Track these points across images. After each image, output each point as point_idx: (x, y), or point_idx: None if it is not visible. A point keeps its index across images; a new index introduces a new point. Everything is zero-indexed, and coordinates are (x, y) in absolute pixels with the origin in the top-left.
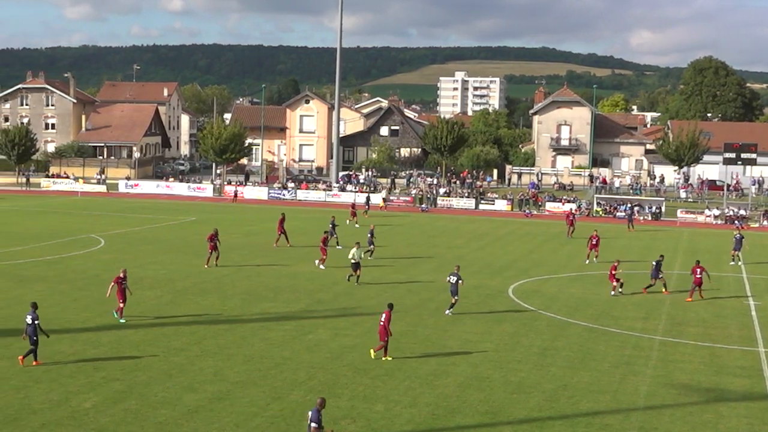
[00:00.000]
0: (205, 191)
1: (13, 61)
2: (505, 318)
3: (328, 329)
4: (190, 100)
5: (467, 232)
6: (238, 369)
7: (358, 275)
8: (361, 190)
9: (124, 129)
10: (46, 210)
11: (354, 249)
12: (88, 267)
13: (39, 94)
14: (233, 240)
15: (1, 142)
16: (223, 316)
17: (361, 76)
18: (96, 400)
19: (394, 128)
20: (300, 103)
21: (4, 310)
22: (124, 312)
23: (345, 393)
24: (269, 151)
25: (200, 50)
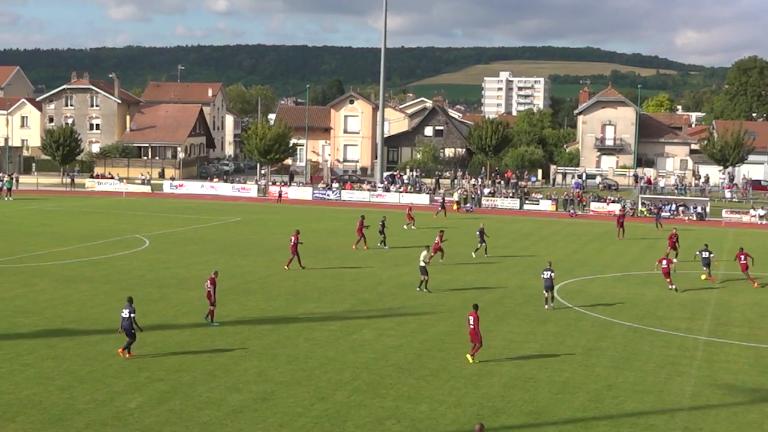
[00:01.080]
0: (250, 192)
1: (58, 61)
2: (550, 318)
3: (372, 329)
4: (234, 100)
5: (511, 232)
6: (283, 369)
7: (425, 280)
8: (406, 190)
9: (169, 129)
10: (91, 210)
11: (424, 252)
12: (133, 267)
13: (84, 94)
14: (277, 240)
15: (46, 143)
16: (267, 317)
17: (405, 76)
18: (140, 401)
19: (438, 128)
20: (344, 104)
21: (50, 311)
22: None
23: (389, 393)
24: (314, 152)
25: (245, 50)
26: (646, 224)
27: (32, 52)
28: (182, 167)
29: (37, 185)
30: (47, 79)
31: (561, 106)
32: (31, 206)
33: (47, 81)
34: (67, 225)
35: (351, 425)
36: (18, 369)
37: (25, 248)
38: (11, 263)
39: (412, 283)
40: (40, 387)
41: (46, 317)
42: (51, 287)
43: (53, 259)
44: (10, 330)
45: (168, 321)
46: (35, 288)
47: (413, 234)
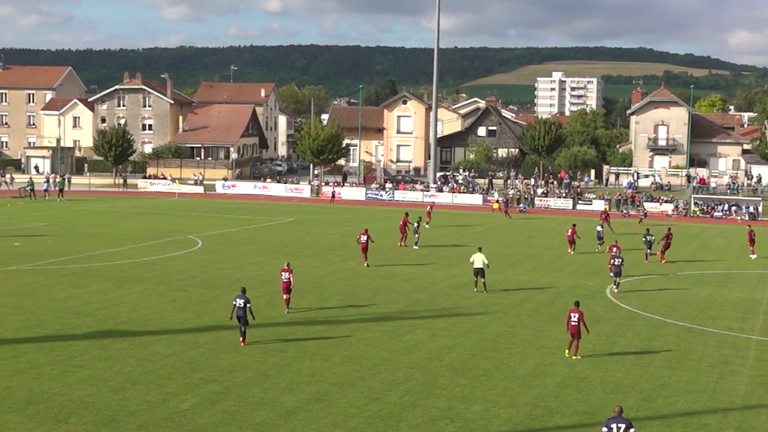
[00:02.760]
0: (303, 192)
1: (110, 62)
2: (603, 318)
3: (426, 330)
4: (287, 100)
5: (564, 233)
6: (336, 370)
7: (481, 281)
8: (458, 190)
9: (222, 130)
10: (144, 211)
11: (477, 254)
12: (185, 268)
13: (136, 95)
14: (330, 241)
15: (99, 144)
16: (320, 317)
17: (458, 76)
18: (193, 402)
19: (491, 129)
20: (397, 104)
21: (102, 312)
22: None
23: (443, 393)
24: (367, 152)
25: (298, 51)
26: (698, 224)
27: (84, 52)
28: (235, 168)
29: (90, 186)
30: (99, 79)
31: (614, 107)
32: (83, 207)
33: (99, 81)
34: (119, 226)
35: (404, 426)
36: (70, 370)
37: (77, 249)
38: (64, 264)
39: (466, 283)
40: (92, 388)
41: (98, 318)
42: (103, 288)
43: (105, 260)
44: (62, 331)
45: (221, 322)
46: (88, 289)
47: (460, 234)
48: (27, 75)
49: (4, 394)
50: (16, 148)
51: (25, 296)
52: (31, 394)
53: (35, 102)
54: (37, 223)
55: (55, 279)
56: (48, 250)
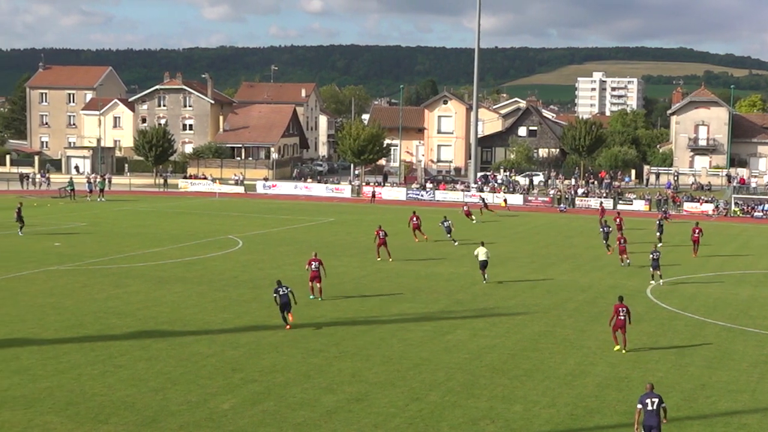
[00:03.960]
0: (344, 192)
1: (150, 62)
2: (643, 318)
3: (466, 330)
4: (328, 100)
5: None
6: (377, 370)
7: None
8: (499, 190)
9: (262, 130)
10: (184, 211)
11: (480, 248)
12: (226, 268)
13: (176, 95)
14: (371, 241)
15: (139, 143)
16: (361, 317)
17: (499, 76)
18: (234, 402)
19: (532, 129)
20: (438, 104)
21: (143, 312)
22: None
23: (484, 394)
24: (407, 152)
25: (338, 51)
26: (739, 224)
27: (125, 52)
28: (275, 168)
29: (130, 186)
30: (140, 79)
31: (654, 107)
32: (123, 207)
33: (140, 81)
34: (160, 226)
35: (445, 426)
36: (111, 371)
37: (117, 249)
38: (104, 264)
39: (506, 283)
40: (133, 389)
41: (139, 318)
42: (144, 288)
43: (146, 260)
44: (103, 331)
45: (261, 322)
46: (128, 289)
47: (501, 234)
48: (67, 75)
49: (44, 395)
50: (56, 148)
51: (65, 296)
52: (72, 395)
53: (75, 102)
54: (77, 224)
55: (96, 279)
56: (88, 250)
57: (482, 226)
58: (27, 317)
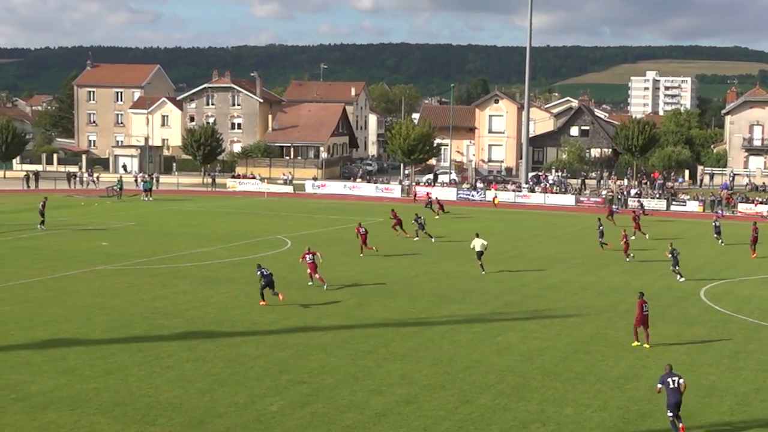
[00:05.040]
0: (393, 192)
1: (199, 60)
2: (697, 321)
3: (517, 332)
4: (377, 99)
5: (658, 234)
6: (427, 372)
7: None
8: (551, 191)
9: (311, 129)
10: (232, 211)
11: (476, 239)
12: (275, 268)
13: (225, 93)
14: (420, 242)
15: (187, 142)
16: (411, 319)
17: (550, 75)
18: (282, 404)
19: (584, 128)
20: (489, 103)
21: (190, 312)
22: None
23: (535, 396)
24: (458, 152)
25: (388, 49)
26: None
27: (173, 50)
28: (325, 167)
29: (178, 185)
30: (188, 77)
31: (708, 106)
32: (171, 207)
33: (188, 80)
34: (207, 225)
35: (495, 429)
36: (158, 372)
37: (165, 249)
38: (151, 264)
39: (557, 285)
40: (180, 390)
41: (186, 319)
42: (191, 289)
43: (194, 260)
44: (150, 332)
45: (310, 323)
46: (176, 289)
47: (552, 235)
48: (115, 73)
49: (91, 395)
50: (104, 146)
51: (112, 296)
52: (119, 396)
53: (123, 100)
54: (124, 223)
55: (143, 279)
56: (136, 249)
57: (532, 226)
58: (74, 317)
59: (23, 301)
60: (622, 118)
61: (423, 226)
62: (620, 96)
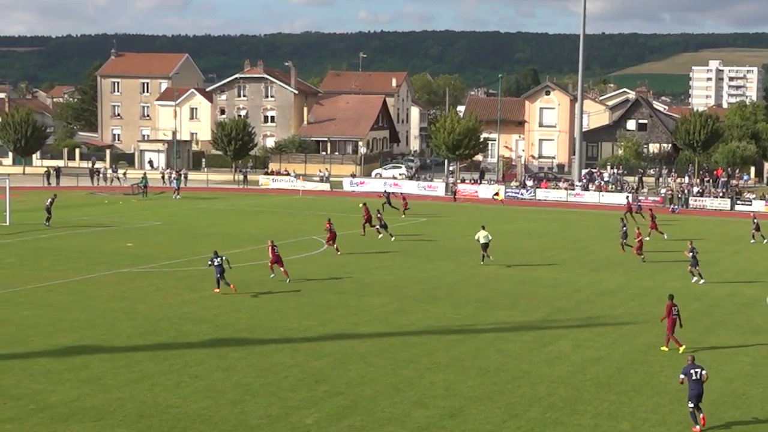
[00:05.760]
0: (437, 190)
1: (230, 48)
2: (763, 328)
3: (569, 340)
4: (420, 90)
5: (721, 235)
6: (472, 383)
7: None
8: (606, 189)
9: (350, 122)
10: (265, 210)
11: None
12: (310, 272)
13: (257, 84)
14: (467, 243)
15: (217, 137)
16: (455, 326)
17: (605, 65)
18: (318, 416)
19: (641, 122)
20: (540, 95)
21: (220, 318)
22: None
23: (588, 410)
24: (506, 147)
25: (432, 37)
26: None
27: (202, 38)
28: (364, 163)
29: (207, 182)
30: (218, 67)
31: None
32: (200, 205)
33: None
34: (239, 225)
35: None
36: (186, 381)
37: (193, 250)
38: (179, 266)
39: (613, 290)
40: (209, 401)
41: (216, 325)
42: (222, 293)
43: None
44: (177, 339)
45: (348, 330)
46: (205, 293)
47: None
48: (141, 63)
49: (115, 406)
50: (129, 141)
51: (138, 300)
52: (144, 406)
53: (150, 92)
54: (151, 222)
55: (171, 282)
56: (163, 251)
57: (586, 226)
58: (97, 322)
59: (44, 305)
60: (683, 110)
61: (384, 222)
62: (681, 87)
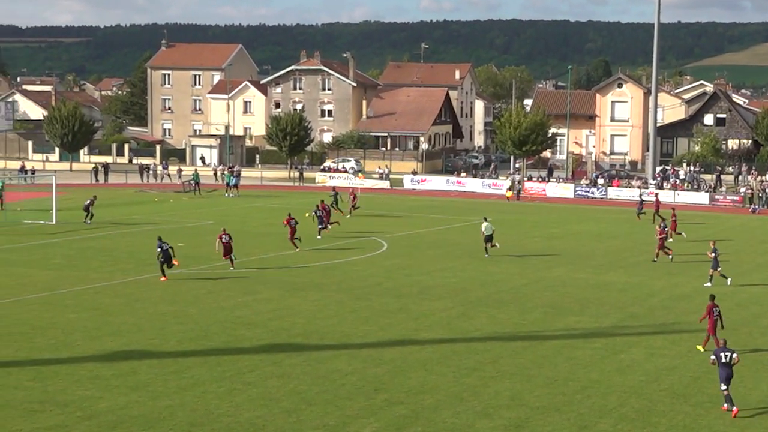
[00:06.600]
0: (502, 188)
1: (285, 39)
2: None
3: (642, 348)
4: (485, 83)
5: None
6: (539, 392)
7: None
8: (681, 187)
9: (411, 116)
10: None
11: (485, 224)
12: (368, 274)
13: (314, 76)
14: (534, 245)
15: (272, 132)
16: (521, 332)
17: (682, 56)
18: (377, 426)
19: (720, 116)
20: (612, 87)
21: (274, 322)
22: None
23: (662, 422)
24: (576, 143)
25: (497, 26)
26: None
27: (256, 28)
28: (425, 160)
29: (261, 179)
30: (273, 59)
31: None
32: (254, 203)
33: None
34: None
35: None
36: (239, 388)
37: (247, 251)
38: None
39: (689, 295)
40: (263, 409)
41: (270, 330)
42: (276, 296)
43: (279, 264)
44: (230, 344)
45: (408, 335)
46: (259, 296)
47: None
48: (193, 54)
49: (165, 414)
50: (179, 136)
51: (189, 304)
52: (195, 415)
53: (202, 84)
54: (202, 222)
55: (223, 285)
56: (214, 251)
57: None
58: (146, 327)
59: (91, 308)
60: (765, 104)
61: (322, 220)
62: (762, 79)
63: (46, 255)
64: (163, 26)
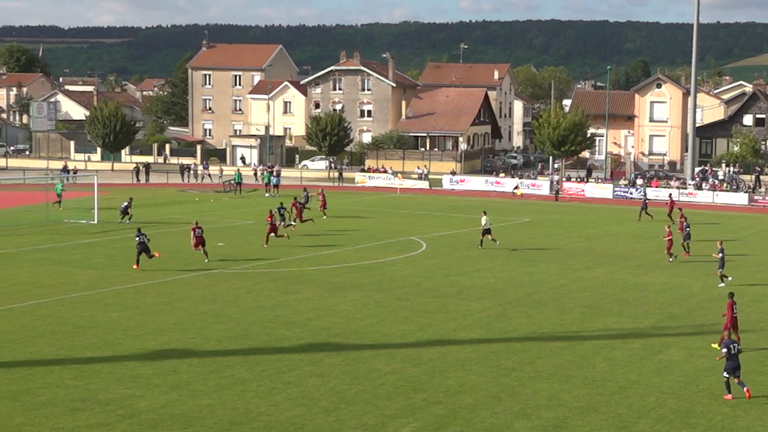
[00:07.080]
0: (541, 189)
1: (325, 39)
2: None
3: (681, 349)
4: (523, 83)
5: None
6: (577, 393)
7: (488, 238)
8: (720, 188)
9: (450, 117)
10: (362, 208)
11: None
12: (408, 274)
13: (354, 77)
14: (573, 245)
15: (312, 132)
16: (560, 332)
17: (721, 56)
18: (416, 425)
19: (759, 117)
20: (651, 88)
21: (314, 322)
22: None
23: (700, 423)
24: (614, 143)
25: (536, 26)
26: None
27: (296, 28)
28: (464, 160)
29: (301, 179)
30: (313, 59)
31: None
32: None
33: (313, 61)
34: (333, 225)
35: None
36: (278, 387)
37: (287, 251)
38: (272, 268)
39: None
40: (302, 408)
41: (310, 329)
42: (316, 295)
43: (318, 264)
44: (270, 343)
45: (447, 335)
46: (299, 296)
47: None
48: (233, 54)
49: (205, 413)
50: (220, 136)
51: (229, 303)
52: (235, 413)
53: (242, 85)
54: (243, 221)
55: (263, 284)
56: (255, 251)
57: (699, 228)
58: (187, 326)
59: (132, 307)
60: None
61: (284, 218)
62: None
63: (88, 254)
64: (203, 27)
